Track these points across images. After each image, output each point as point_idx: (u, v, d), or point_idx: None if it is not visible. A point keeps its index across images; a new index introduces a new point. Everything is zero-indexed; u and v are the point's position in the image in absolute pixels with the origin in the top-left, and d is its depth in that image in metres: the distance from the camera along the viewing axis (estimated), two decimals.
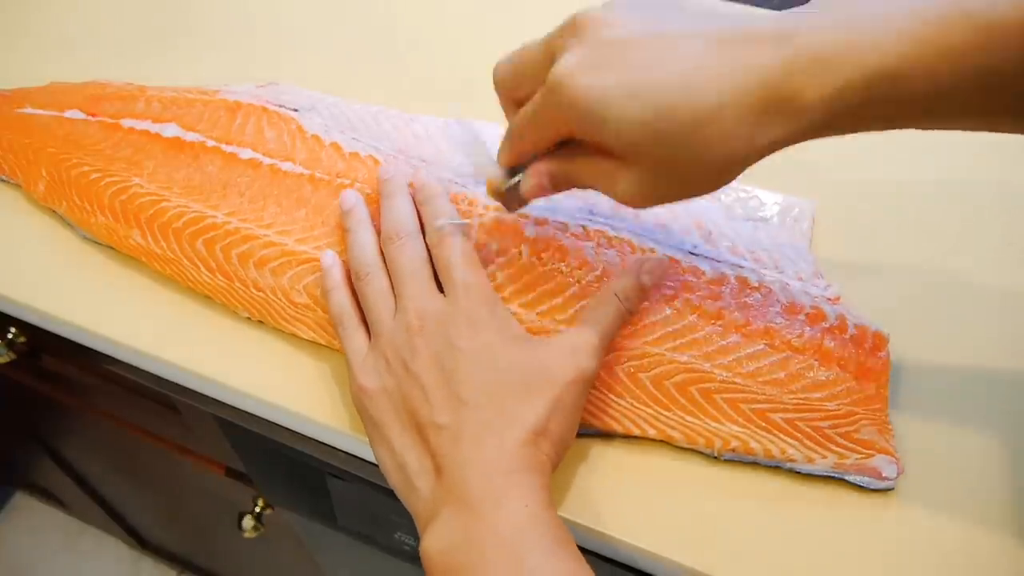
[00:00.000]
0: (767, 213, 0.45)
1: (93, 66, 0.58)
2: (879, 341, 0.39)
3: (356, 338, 0.39)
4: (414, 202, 0.42)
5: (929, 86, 0.27)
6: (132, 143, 0.49)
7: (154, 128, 0.50)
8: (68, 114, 0.52)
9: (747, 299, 0.40)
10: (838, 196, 0.48)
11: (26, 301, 0.47)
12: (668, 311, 0.40)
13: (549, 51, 0.33)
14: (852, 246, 0.46)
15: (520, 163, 0.37)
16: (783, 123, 0.29)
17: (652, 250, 0.42)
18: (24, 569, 1.36)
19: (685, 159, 0.30)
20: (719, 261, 0.42)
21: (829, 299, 0.40)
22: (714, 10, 0.31)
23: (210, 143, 0.48)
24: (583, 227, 0.42)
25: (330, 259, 0.42)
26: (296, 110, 0.50)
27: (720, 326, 0.39)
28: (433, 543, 0.32)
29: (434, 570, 0.32)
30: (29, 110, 0.53)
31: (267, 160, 0.47)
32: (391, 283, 0.39)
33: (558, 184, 0.36)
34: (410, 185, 0.43)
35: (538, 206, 0.43)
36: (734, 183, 0.46)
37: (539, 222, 0.42)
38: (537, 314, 0.40)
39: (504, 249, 0.41)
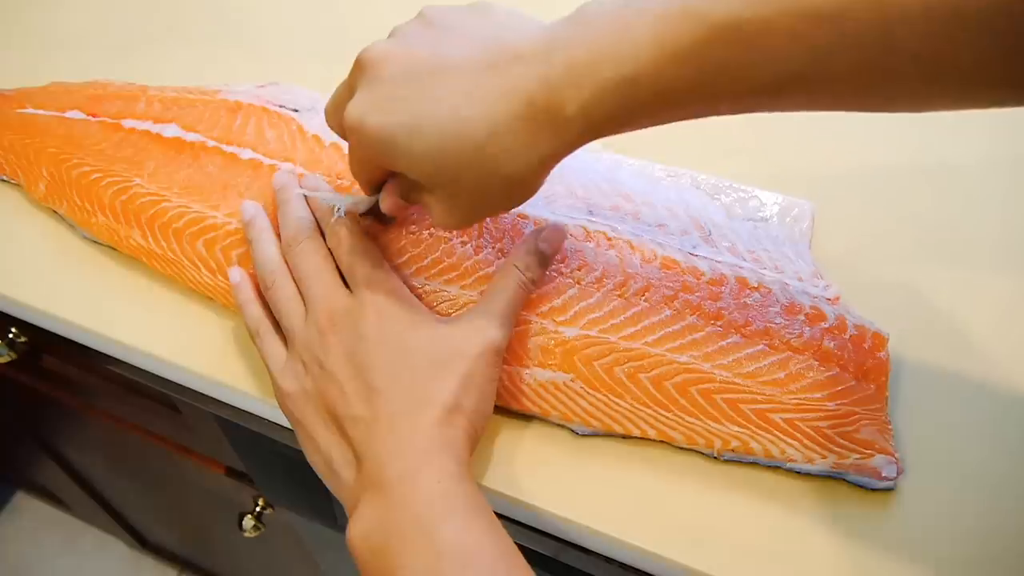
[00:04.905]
0: (767, 213, 0.45)
1: (93, 66, 0.58)
2: (879, 341, 0.39)
3: (272, 345, 0.40)
4: (310, 206, 0.43)
5: (671, 84, 0.29)
6: (133, 143, 0.49)
7: (155, 128, 0.50)
8: (69, 114, 0.52)
9: (747, 299, 0.40)
10: (838, 196, 0.48)
11: (26, 301, 0.47)
12: (668, 311, 0.40)
13: (350, 91, 0.35)
14: (852, 246, 0.46)
15: (374, 185, 0.38)
16: (554, 135, 0.31)
17: (652, 251, 0.42)
18: (24, 569, 1.36)
19: (476, 183, 0.32)
20: (719, 261, 0.42)
21: (829, 299, 0.40)
22: (491, 28, 0.33)
23: (211, 143, 0.48)
24: (583, 228, 0.42)
25: (238, 275, 0.42)
26: (296, 110, 0.50)
27: (720, 326, 0.39)
28: (355, 529, 0.33)
29: (358, 555, 0.33)
30: (30, 110, 0.53)
31: (267, 160, 0.47)
32: (298, 287, 0.40)
33: (409, 201, 0.37)
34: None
35: (538, 207, 0.43)
36: (734, 183, 0.46)
37: (539, 224, 0.42)
38: (537, 314, 0.40)
39: (504, 252, 0.41)
